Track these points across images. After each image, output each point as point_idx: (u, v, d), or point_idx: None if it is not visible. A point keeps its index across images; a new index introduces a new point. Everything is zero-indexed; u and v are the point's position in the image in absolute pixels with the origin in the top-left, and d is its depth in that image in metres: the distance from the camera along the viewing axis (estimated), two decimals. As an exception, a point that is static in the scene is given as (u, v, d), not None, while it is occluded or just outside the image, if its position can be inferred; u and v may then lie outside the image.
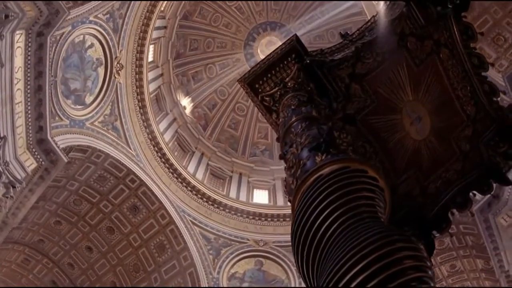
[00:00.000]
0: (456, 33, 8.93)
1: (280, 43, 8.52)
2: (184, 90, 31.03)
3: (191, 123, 29.88)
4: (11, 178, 15.88)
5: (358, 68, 8.34)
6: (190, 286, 20.74)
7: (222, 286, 21.72)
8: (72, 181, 19.89)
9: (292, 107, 7.30)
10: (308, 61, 8.06)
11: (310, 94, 7.57)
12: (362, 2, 26.85)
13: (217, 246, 22.88)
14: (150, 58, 26.32)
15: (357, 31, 9.59)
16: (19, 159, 16.31)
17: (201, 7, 31.31)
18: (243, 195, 26.65)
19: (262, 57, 32.32)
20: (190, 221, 22.70)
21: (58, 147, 17.77)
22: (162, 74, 28.25)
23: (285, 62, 8.17)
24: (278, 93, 8.03)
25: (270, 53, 8.40)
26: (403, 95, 8.58)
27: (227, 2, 32.40)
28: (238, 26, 33.29)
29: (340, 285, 3.49)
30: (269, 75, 8.27)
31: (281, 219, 24.92)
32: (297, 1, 32.75)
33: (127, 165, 21.19)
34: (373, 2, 24.86)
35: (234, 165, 29.76)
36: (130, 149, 22.14)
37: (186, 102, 30.59)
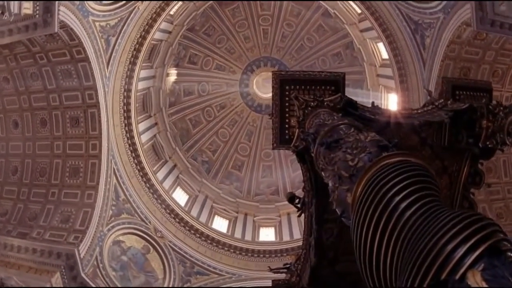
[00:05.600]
0: (465, 172, 9.05)
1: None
2: (177, 61, 30.12)
3: (163, 92, 28.75)
4: (5, 4, 14.43)
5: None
6: (78, 221, 18.89)
7: (104, 242, 20.04)
8: (43, 55, 18.20)
9: (335, 117, 7.55)
10: (346, 99, 8.62)
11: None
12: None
13: (121, 208, 21.34)
14: (172, 12, 25.40)
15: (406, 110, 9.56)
16: (22, -5, 14.89)
17: (238, 4, 30.79)
18: (167, 184, 25.48)
19: (254, 89, 32.19)
20: (114, 168, 21.21)
21: (58, 14, 16.42)
22: (170, 32, 27.31)
23: (323, 86, 8.92)
24: (313, 103, 8.44)
25: (314, 71, 9.47)
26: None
27: (260, 21, 31.97)
28: (254, 46, 32.87)
29: (442, 257, 3.38)
30: (303, 86, 8.97)
31: (188, 228, 23.75)
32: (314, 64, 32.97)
33: (97, 80, 19.73)
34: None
35: (174, 154, 28.75)
36: (107, 70, 20.75)
37: (171, 72, 29.60)
